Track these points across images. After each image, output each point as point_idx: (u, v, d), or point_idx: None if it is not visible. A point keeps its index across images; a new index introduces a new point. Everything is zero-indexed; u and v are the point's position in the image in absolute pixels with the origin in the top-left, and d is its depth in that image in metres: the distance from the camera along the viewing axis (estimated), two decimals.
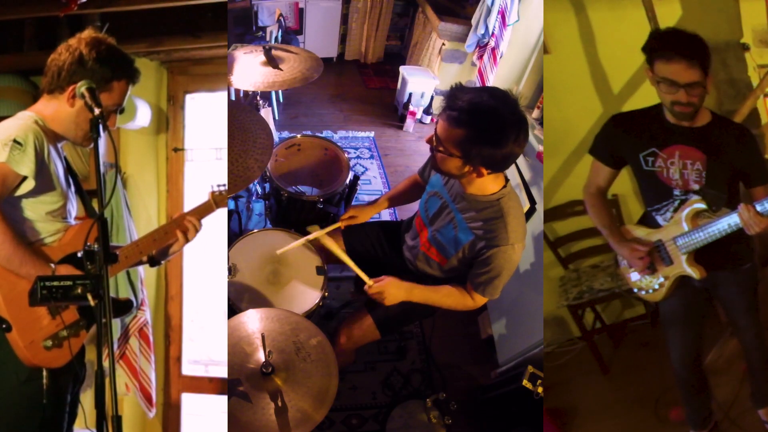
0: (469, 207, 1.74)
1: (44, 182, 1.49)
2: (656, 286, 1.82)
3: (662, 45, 1.56)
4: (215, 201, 1.73)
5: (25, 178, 1.44)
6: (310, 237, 2.06)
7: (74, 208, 1.66)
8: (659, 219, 1.76)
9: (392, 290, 1.79)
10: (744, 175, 1.66)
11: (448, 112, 1.52)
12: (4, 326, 1.46)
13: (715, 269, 1.75)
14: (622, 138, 1.74)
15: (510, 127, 1.49)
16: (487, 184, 1.69)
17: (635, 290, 1.89)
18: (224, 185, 1.75)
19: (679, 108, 1.59)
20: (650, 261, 1.77)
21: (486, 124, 1.48)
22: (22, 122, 1.47)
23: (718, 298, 1.89)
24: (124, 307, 1.93)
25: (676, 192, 1.70)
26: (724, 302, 1.90)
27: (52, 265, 1.50)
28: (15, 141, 1.40)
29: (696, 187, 1.66)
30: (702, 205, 1.66)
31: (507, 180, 1.74)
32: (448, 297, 1.87)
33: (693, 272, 1.71)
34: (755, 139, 1.65)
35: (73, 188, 1.65)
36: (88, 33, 1.55)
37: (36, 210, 1.51)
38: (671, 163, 1.67)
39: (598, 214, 1.86)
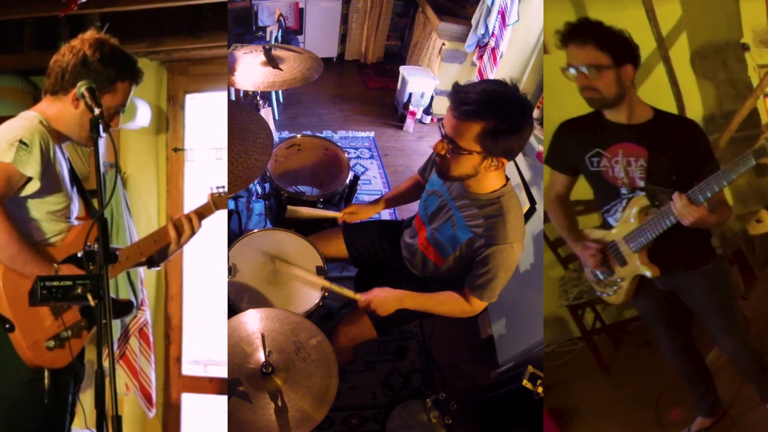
0: (469, 205, 1.73)
1: (49, 183, 1.49)
2: (615, 288, 1.80)
3: (561, 36, 1.60)
4: (215, 203, 1.73)
5: (30, 178, 1.44)
6: (312, 213, 2.09)
7: (76, 208, 1.66)
8: (611, 220, 1.74)
9: (381, 301, 1.79)
10: (694, 170, 1.60)
11: (462, 107, 1.48)
12: (7, 326, 1.46)
13: (673, 269, 1.71)
14: (570, 143, 1.75)
15: (526, 110, 1.50)
16: (489, 182, 1.68)
17: (598, 293, 1.88)
18: (224, 187, 1.75)
19: (586, 94, 1.60)
20: (602, 257, 1.76)
21: (505, 111, 1.47)
22: (27, 122, 1.47)
23: (688, 303, 1.83)
24: (124, 309, 1.93)
25: (623, 191, 1.68)
26: (693, 306, 1.82)
27: (56, 265, 1.50)
28: (21, 142, 1.41)
29: (642, 184, 1.64)
30: (646, 202, 1.63)
31: (507, 178, 1.73)
32: (443, 304, 1.86)
33: (646, 271, 1.68)
34: (702, 132, 1.62)
35: (75, 188, 1.65)
36: (90, 34, 1.55)
37: (40, 210, 1.51)
38: (615, 162, 1.65)
39: (557, 219, 1.88)
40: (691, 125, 1.63)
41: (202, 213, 1.73)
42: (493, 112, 1.47)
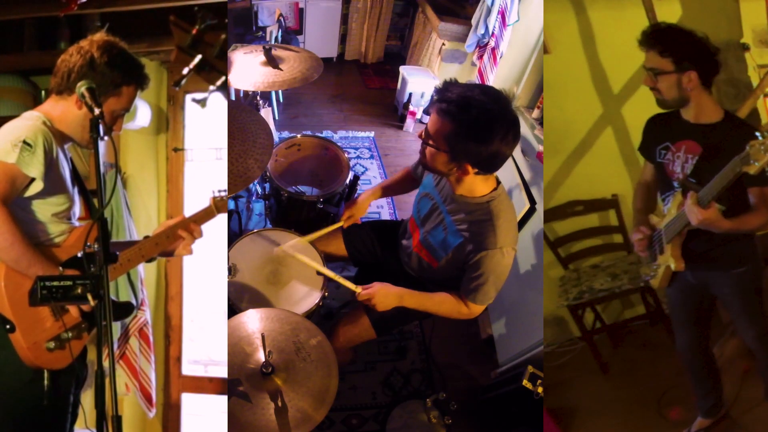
0: (459, 209, 1.72)
1: (52, 184, 1.49)
2: (652, 274, 1.87)
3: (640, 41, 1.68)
4: (216, 206, 1.73)
5: (33, 179, 1.44)
6: (312, 237, 2.08)
7: (78, 209, 1.66)
8: (665, 210, 1.82)
9: (381, 297, 1.78)
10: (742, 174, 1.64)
11: (437, 104, 1.51)
12: (8, 327, 1.46)
13: (705, 267, 1.78)
14: (652, 135, 1.84)
15: (498, 124, 1.47)
16: (476, 186, 1.67)
17: (643, 275, 1.95)
18: (224, 191, 1.75)
19: (653, 94, 1.70)
20: (647, 243, 1.85)
21: (473, 119, 1.46)
22: (30, 123, 1.47)
23: (717, 297, 1.90)
24: (124, 311, 1.93)
25: (676, 184, 1.75)
26: (722, 302, 1.92)
27: (60, 268, 1.50)
28: (25, 142, 1.40)
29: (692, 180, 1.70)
30: (681, 197, 1.69)
31: (498, 182, 1.71)
32: (441, 304, 1.85)
33: (671, 262, 1.75)
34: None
35: (76, 189, 1.65)
36: (100, 36, 1.54)
37: (43, 211, 1.51)
38: (677, 157, 1.73)
39: (636, 201, 1.98)
40: (748, 131, 1.63)
41: (204, 217, 1.73)
42: (461, 115, 1.46)
